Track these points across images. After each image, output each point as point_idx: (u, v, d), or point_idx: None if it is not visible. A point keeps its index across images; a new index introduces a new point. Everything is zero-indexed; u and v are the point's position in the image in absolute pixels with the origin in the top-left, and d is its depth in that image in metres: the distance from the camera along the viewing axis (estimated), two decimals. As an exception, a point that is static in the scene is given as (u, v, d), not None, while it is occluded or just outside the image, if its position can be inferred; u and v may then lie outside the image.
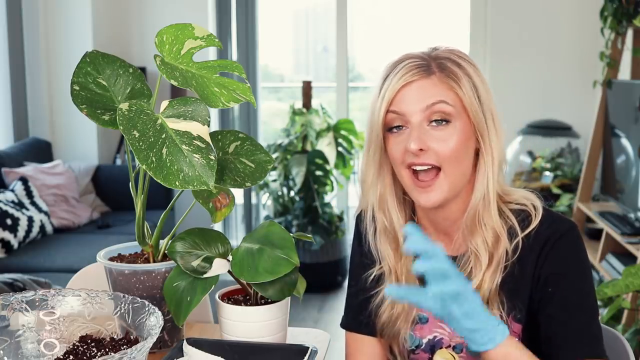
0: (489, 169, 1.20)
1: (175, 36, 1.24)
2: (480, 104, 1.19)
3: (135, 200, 1.30)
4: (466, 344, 1.22)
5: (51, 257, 3.56)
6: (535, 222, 1.19)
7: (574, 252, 1.19)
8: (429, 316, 1.26)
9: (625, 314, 2.76)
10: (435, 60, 1.19)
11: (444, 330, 1.25)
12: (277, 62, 5.87)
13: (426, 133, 1.17)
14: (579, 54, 4.39)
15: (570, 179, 4.12)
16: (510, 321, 1.20)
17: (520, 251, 1.19)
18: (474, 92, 1.18)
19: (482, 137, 1.20)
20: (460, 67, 1.19)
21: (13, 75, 4.31)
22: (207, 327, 1.52)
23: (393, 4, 5.48)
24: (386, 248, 1.27)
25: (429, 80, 1.17)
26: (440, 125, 1.17)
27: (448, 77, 1.17)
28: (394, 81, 1.18)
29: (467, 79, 1.18)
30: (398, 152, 1.19)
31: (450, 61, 1.19)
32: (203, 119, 1.18)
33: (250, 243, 1.26)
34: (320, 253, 4.25)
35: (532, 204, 1.22)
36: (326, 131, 4.43)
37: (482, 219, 1.20)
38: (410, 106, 1.17)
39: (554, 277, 1.18)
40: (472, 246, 1.20)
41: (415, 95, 1.17)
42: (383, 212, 1.26)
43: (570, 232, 1.19)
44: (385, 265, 1.27)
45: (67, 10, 4.48)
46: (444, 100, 1.16)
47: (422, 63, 1.18)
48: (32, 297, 1.16)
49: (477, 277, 1.19)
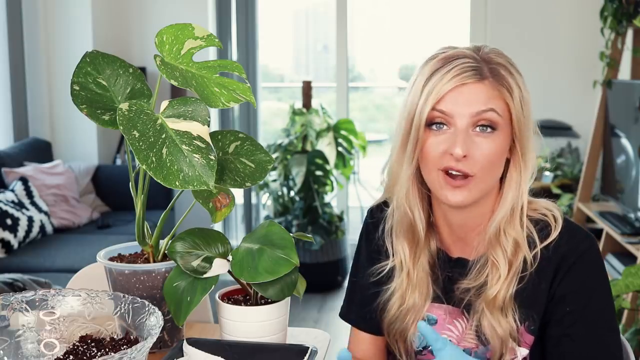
0: (523, 183, 1.19)
1: (175, 36, 1.24)
2: (524, 117, 1.17)
3: (135, 200, 1.30)
4: (475, 348, 1.22)
5: (51, 257, 3.56)
6: (555, 233, 1.18)
7: (594, 271, 1.18)
8: (438, 317, 1.26)
9: (625, 314, 2.77)
10: (488, 64, 1.16)
11: (452, 333, 1.25)
12: (277, 62, 5.87)
13: (470, 138, 1.14)
14: (579, 54, 4.39)
15: (570, 179, 4.12)
16: (523, 331, 1.19)
17: (538, 262, 1.18)
18: (522, 104, 1.16)
19: (521, 150, 1.17)
20: (512, 76, 1.16)
21: (13, 75, 4.31)
22: (207, 327, 1.52)
23: (393, 4, 5.48)
24: (402, 243, 1.25)
25: (482, 85, 1.14)
26: (486, 132, 1.14)
27: (501, 85, 1.15)
28: (444, 80, 1.13)
29: (517, 90, 1.16)
30: (436, 152, 1.15)
31: (503, 67, 1.16)
32: (203, 119, 1.18)
33: (250, 243, 1.26)
34: (320, 253, 4.25)
35: (553, 214, 1.20)
36: (326, 131, 4.43)
37: (506, 230, 1.18)
38: (460, 109, 1.13)
39: (573, 297, 1.17)
40: (492, 256, 1.19)
41: (467, 99, 1.13)
42: (409, 207, 1.23)
43: (591, 249, 1.18)
44: (397, 260, 1.26)
45: (67, 10, 4.48)
46: (494, 109, 1.14)
47: (476, 65, 1.15)
48: (32, 297, 1.16)
49: (495, 286, 1.17)
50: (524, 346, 1.19)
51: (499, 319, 1.17)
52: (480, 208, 1.21)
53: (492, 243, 1.19)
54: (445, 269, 1.25)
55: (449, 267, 1.25)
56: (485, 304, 1.18)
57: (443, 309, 1.25)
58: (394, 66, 6.72)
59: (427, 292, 1.24)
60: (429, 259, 1.25)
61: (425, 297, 1.24)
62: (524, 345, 1.19)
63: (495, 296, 1.17)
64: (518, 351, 1.19)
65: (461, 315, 1.24)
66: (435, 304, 1.26)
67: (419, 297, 1.24)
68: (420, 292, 1.24)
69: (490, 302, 1.18)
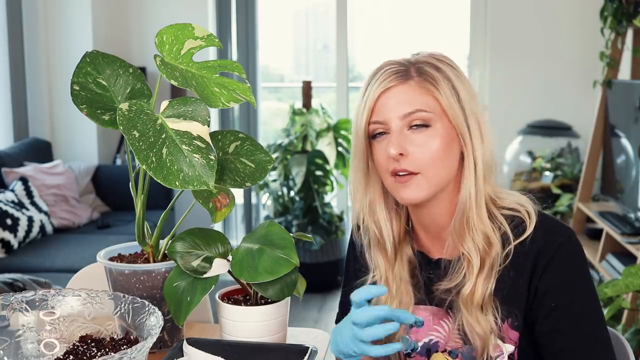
0: (471, 172, 1.19)
1: (175, 36, 1.24)
2: (461, 107, 1.18)
3: (135, 200, 1.30)
4: (462, 348, 1.22)
5: (51, 257, 3.56)
6: (530, 229, 1.18)
7: (574, 263, 1.18)
8: (425, 319, 1.26)
9: (625, 314, 2.77)
10: (415, 64, 1.19)
11: (439, 333, 1.25)
12: (277, 62, 5.87)
13: (406, 137, 1.17)
14: (579, 54, 4.39)
15: (570, 179, 4.12)
16: (507, 328, 1.19)
17: (515, 257, 1.18)
18: (454, 94, 1.17)
19: (464, 140, 1.19)
20: (438, 70, 1.18)
21: (13, 75, 4.31)
22: (207, 327, 1.52)
23: (393, 4, 5.48)
24: (377, 257, 1.27)
25: (407, 85, 1.17)
26: (420, 129, 1.17)
27: (426, 81, 1.17)
28: (373, 88, 1.19)
29: (446, 82, 1.17)
30: (382, 159, 1.19)
31: (428, 65, 1.19)
32: (203, 119, 1.18)
33: (250, 243, 1.26)
34: (320, 253, 4.25)
35: (526, 209, 1.20)
36: (326, 131, 4.43)
37: (471, 222, 1.19)
38: (389, 113, 1.17)
39: (555, 291, 1.17)
40: (463, 250, 1.19)
41: (394, 102, 1.17)
42: (373, 221, 1.25)
43: (569, 241, 1.18)
44: (378, 274, 1.27)
45: (67, 10, 4.48)
46: (421, 109, 1.16)
47: (401, 69, 1.18)
48: (32, 297, 1.16)
49: (470, 282, 1.18)
50: (509, 342, 1.19)
51: (478, 316, 1.17)
52: (442, 203, 1.22)
53: (461, 236, 1.20)
54: (427, 271, 1.26)
55: (429, 269, 1.26)
56: (462, 302, 1.19)
57: (428, 310, 1.26)
58: (394, 66, 6.68)
59: (408, 300, 1.25)
60: (408, 265, 1.26)
61: (407, 305, 1.25)
62: (509, 342, 1.19)
63: (471, 293, 1.17)
64: (503, 347, 1.19)
65: (446, 315, 1.24)
66: (420, 305, 1.26)
67: (402, 305, 1.25)
68: (402, 300, 1.25)
69: (466, 300, 1.18)
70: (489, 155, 1.20)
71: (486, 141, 1.20)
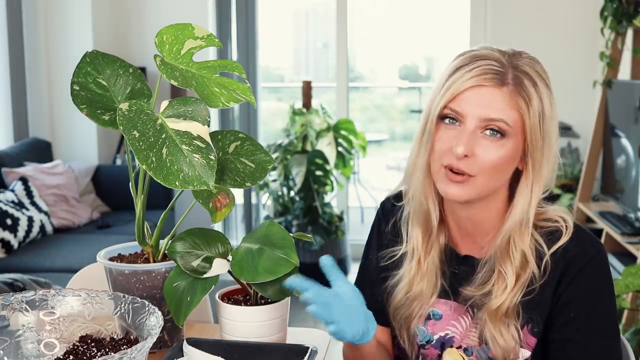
0: (533, 195, 1.18)
1: (175, 36, 1.24)
2: (542, 131, 1.15)
3: (135, 200, 1.30)
4: (477, 347, 1.22)
5: (51, 257, 3.56)
6: (565, 238, 1.18)
7: (600, 278, 1.18)
8: (443, 312, 1.26)
9: (625, 314, 2.77)
10: (514, 69, 1.14)
11: (456, 329, 1.25)
12: (277, 62, 5.87)
13: (476, 139, 1.13)
14: (579, 54, 4.39)
15: (570, 179, 4.12)
16: (526, 333, 1.19)
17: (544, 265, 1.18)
18: (540, 117, 1.15)
19: (532, 162, 1.16)
20: (535, 87, 1.14)
21: (13, 75, 4.31)
22: (207, 327, 1.52)
23: (393, 4, 5.48)
24: (416, 230, 1.26)
25: (499, 91, 1.13)
26: (494, 137, 1.13)
27: (519, 95, 1.13)
28: (464, 78, 1.13)
29: (538, 103, 1.14)
30: (443, 146, 1.15)
31: (527, 76, 1.14)
32: (203, 119, 1.18)
33: (250, 243, 1.26)
34: (320, 253, 4.24)
35: (564, 220, 1.20)
36: (326, 131, 4.43)
37: (515, 241, 1.18)
38: (472, 110, 1.13)
39: (577, 302, 1.17)
40: (500, 266, 1.19)
41: (480, 101, 1.13)
42: (423, 197, 1.23)
43: (599, 255, 1.18)
44: (410, 247, 1.27)
45: (67, 10, 4.48)
46: (504, 120, 1.12)
47: (500, 70, 1.13)
48: (32, 297, 1.16)
49: (500, 298, 1.17)
50: (526, 347, 1.19)
51: (501, 329, 1.18)
52: (484, 209, 1.21)
53: (501, 253, 1.19)
54: (452, 266, 1.26)
55: (456, 264, 1.26)
56: (488, 314, 1.19)
57: (449, 304, 1.26)
58: (394, 66, 6.72)
59: (435, 283, 1.25)
60: (439, 254, 1.26)
61: (433, 288, 1.25)
62: (526, 347, 1.19)
63: (498, 307, 1.17)
64: (520, 352, 1.20)
65: (466, 312, 1.24)
66: (441, 299, 1.26)
67: (427, 286, 1.25)
68: (429, 281, 1.25)
69: (492, 313, 1.18)
70: (549, 180, 1.20)
71: (551, 165, 1.19)
